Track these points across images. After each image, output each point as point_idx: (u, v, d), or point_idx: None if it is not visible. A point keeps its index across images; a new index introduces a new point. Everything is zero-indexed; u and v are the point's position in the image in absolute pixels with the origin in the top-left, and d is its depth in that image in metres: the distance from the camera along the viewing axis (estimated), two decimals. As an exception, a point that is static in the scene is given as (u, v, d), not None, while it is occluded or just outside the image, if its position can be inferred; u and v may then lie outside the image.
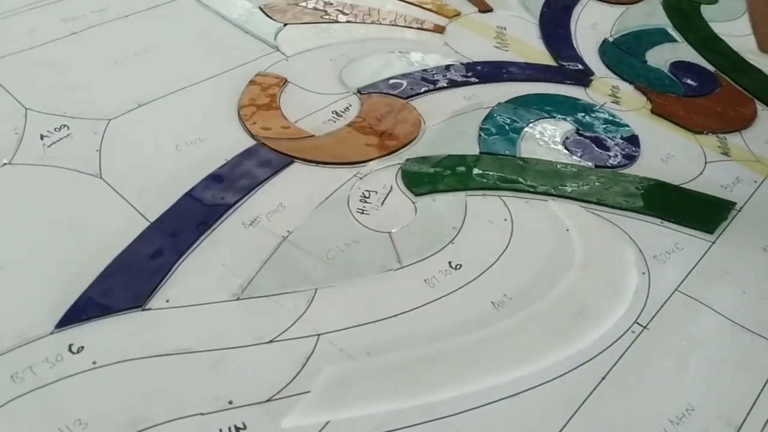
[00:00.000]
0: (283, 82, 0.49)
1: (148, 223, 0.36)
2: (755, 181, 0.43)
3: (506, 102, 0.48)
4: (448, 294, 0.34)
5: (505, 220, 0.39)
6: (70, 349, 0.30)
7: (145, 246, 0.35)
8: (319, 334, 0.31)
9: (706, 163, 0.44)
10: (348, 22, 0.57)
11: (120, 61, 0.49)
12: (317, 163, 0.42)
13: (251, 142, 0.42)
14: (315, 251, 0.35)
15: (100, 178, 0.39)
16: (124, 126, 0.43)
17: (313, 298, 0.33)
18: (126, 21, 0.54)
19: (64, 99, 0.45)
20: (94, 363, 0.30)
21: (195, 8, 0.57)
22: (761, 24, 0.44)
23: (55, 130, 0.42)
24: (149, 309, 0.32)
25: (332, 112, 0.46)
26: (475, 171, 0.42)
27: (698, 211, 0.40)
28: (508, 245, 0.37)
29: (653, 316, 0.33)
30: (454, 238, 0.37)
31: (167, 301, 0.33)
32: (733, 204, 0.40)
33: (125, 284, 0.33)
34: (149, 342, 0.31)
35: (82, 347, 0.30)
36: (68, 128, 0.42)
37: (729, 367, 0.31)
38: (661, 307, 0.34)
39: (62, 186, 0.38)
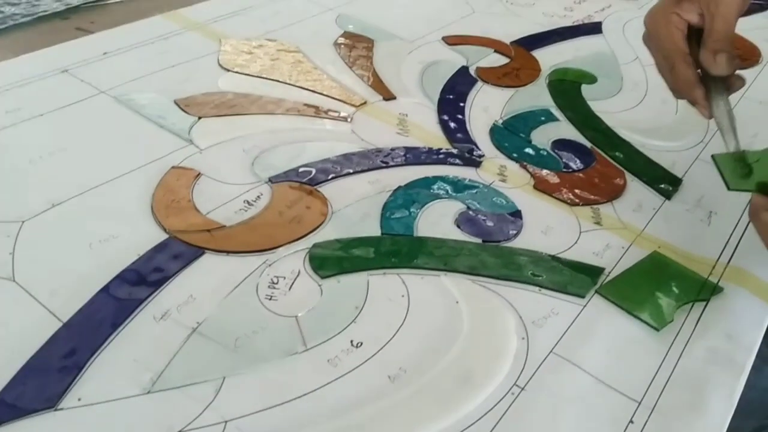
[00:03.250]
0: (197, 174, 0.52)
1: (60, 324, 0.38)
2: (623, 247, 0.49)
3: (405, 185, 0.53)
4: (349, 372, 0.37)
5: (403, 296, 0.42)
6: (-21, 456, 0.31)
7: (58, 346, 0.36)
8: (226, 421, 0.33)
9: (580, 232, 0.50)
10: (260, 113, 0.61)
11: (34, 161, 0.51)
12: (228, 252, 0.44)
13: (164, 236, 0.45)
14: (223, 340, 0.38)
15: (14, 281, 0.40)
16: (38, 227, 0.45)
17: (221, 386, 0.35)
18: (41, 120, 0.56)
19: (-23, 203, 0.46)
20: (4, 467, 0.31)
21: (110, 105, 0.59)
22: None
23: (-34, 235, 0.43)
24: (61, 409, 0.34)
25: (244, 202, 0.49)
26: (377, 251, 0.46)
27: (572, 278, 0.45)
28: (404, 320, 0.41)
29: (530, 378, 0.37)
30: (356, 317, 0.41)
31: (79, 400, 0.34)
32: (602, 269, 0.46)
33: (37, 386, 0.34)
34: (60, 442, 0.32)
35: (-8, 453, 0.31)
36: (-20, 233, 0.43)
37: (593, 422, 0.35)
38: (537, 368, 0.38)
39: (-27, 291, 0.39)
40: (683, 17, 0.45)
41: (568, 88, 0.71)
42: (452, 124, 0.63)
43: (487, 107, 0.66)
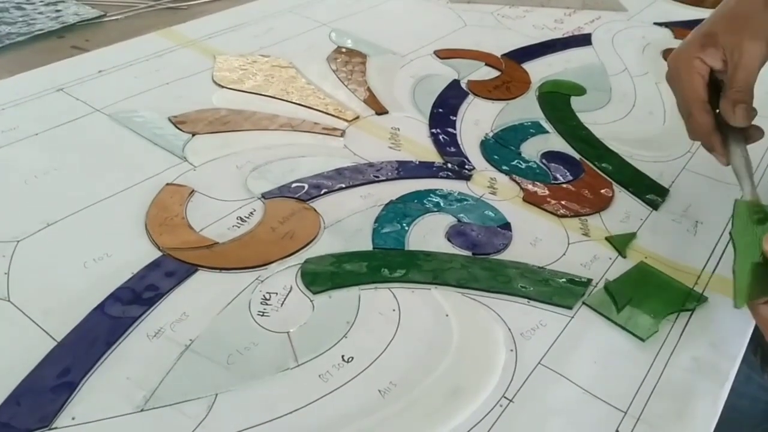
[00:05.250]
0: (190, 192, 0.52)
1: (55, 343, 0.38)
2: (610, 258, 0.49)
3: (397, 199, 0.54)
4: (340, 387, 0.37)
5: (394, 310, 0.43)
6: (-26, 476, 0.31)
7: (52, 366, 0.37)
8: (218, 437, 0.34)
9: (568, 244, 0.50)
10: (253, 129, 0.62)
11: (29, 181, 0.52)
12: (220, 269, 0.45)
13: (157, 254, 0.45)
14: (216, 357, 0.38)
15: (9, 301, 0.41)
16: (33, 247, 0.45)
17: (213, 403, 0.36)
18: (36, 139, 0.57)
19: (-27, 224, 0.47)
20: (0, 487, 0.31)
21: (105, 123, 0.60)
22: None
23: (-38, 256, 0.44)
24: (55, 428, 0.34)
25: (237, 218, 0.50)
26: (368, 266, 0.46)
27: (560, 290, 0.45)
28: (395, 335, 0.41)
29: (518, 390, 0.38)
30: (348, 332, 0.41)
31: (73, 419, 0.35)
32: (590, 281, 0.46)
33: (32, 406, 0.35)
34: (55, 460, 0.32)
35: (-13, 472, 0.32)
36: (-24, 253, 0.44)
37: (579, 432, 0.36)
38: (525, 380, 0.39)
39: (-31, 312, 0.40)
40: (706, 63, 0.45)
41: (557, 100, 0.72)
42: (444, 138, 0.63)
43: (478, 120, 0.66)
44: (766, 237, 0.38)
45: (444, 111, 0.68)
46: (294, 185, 0.54)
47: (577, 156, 0.62)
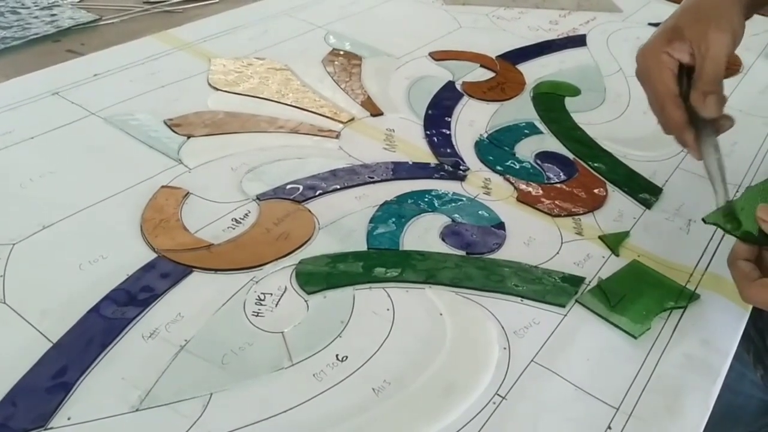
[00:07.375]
0: (185, 194, 0.53)
1: (50, 344, 0.38)
2: (603, 257, 0.50)
3: (391, 200, 0.54)
4: (334, 385, 0.38)
5: (388, 309, 0.43)
6: (-30, 476, 0.32)
7: (48, 367, 0.37)
8: (213, 436, 0.34)
9: (562, 243, 0.51)
10: (248, 132, 0.62)
11: (25, 184, 0.52)
12: (215, 270, 0.45)
13: (153, 256, 0.46)
14: (211, 357, 0.38)
15: (4, 303, 0.41)
16: (29, 249, 0.46)
17: (208, 402, 0.36)
18: (32, 142, 0.57)
19: (-31, 227, 0.47)
20: (-5, 487, 0.31)
21: (101, 126, 0.60)
22: None
23: (-42, 259, 0.44)
24: (51, 428, 0.34)
25: (232, 220, 0.50)
26: (363, 266, 0.47)
27: (553, 288, 0.46)
28: (389, 334, 0.41)
29: (511, 387, 0.38)
30: (342, 331, 0.41)
31: (69, 419, 0.35)
32: (583, 279, 0.47)
33: (28, 406, 0.35)
34: (50, 460, 0.33)
35: (-17, 473, 0.32)
36: (-29, 256, 0.44)
37: (572, 429, 0.36)
38: (518, 378, 0.39)
39: (-35, 314, 0.40)
40: (674, 56, 0.45)
41: (552, 100, 0.73)
42: (438, 139, 0.64)
43: (472, 121, 0.67)
44: (761, 206, 0.39)
45: (439, 112, 0.68)
46: (289, 186, 0.54)
47: (570, 156, 0.63)
